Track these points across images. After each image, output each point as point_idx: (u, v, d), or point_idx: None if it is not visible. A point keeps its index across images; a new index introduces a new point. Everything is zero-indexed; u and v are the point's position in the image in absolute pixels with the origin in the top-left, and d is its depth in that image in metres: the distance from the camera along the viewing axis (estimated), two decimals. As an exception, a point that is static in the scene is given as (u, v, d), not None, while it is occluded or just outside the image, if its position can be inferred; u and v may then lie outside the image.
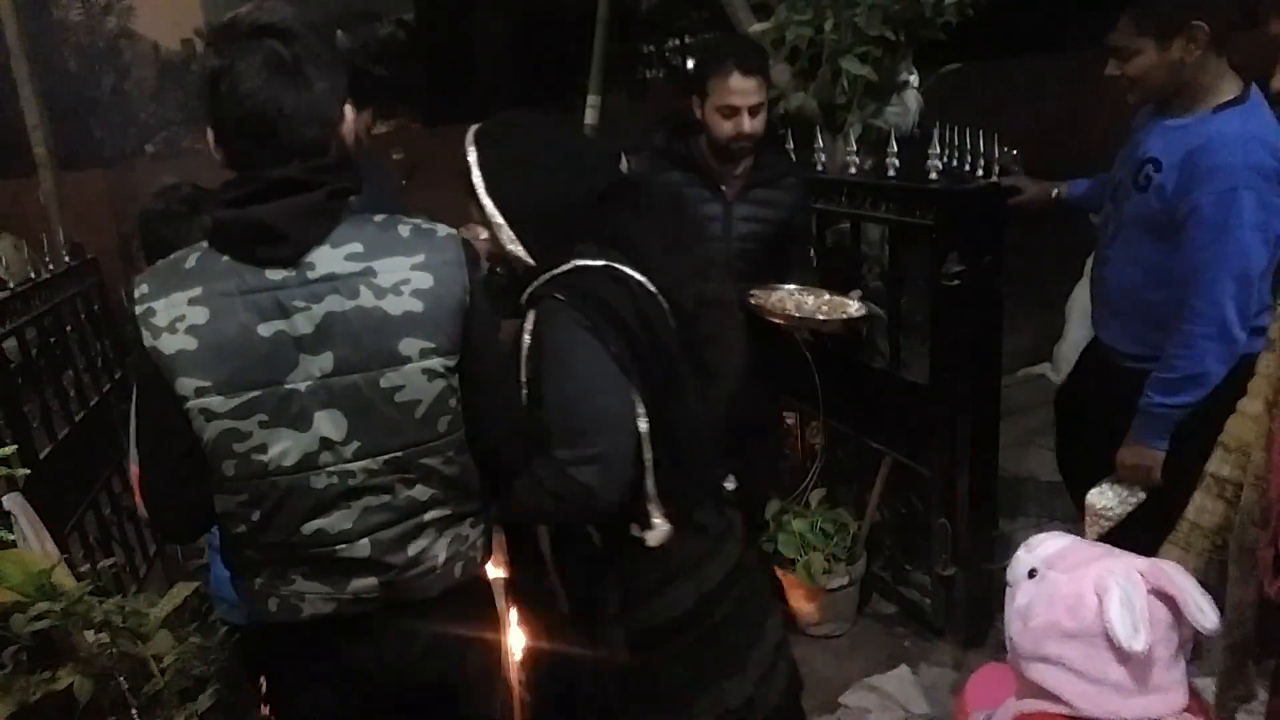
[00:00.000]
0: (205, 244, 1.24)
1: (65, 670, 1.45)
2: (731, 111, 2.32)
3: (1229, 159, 1.83)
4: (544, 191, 1.44)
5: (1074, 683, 1.20)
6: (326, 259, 1.22)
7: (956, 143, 2.58)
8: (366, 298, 1.22)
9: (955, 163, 2.55)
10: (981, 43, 3.42)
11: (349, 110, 1.29)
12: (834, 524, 2.79)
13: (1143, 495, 2.08)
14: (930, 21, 2.71)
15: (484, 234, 1.58)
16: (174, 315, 1.19)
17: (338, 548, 1.32)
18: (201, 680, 1.63)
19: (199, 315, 1.19)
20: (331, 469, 1.27)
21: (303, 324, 1.21)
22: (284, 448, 1.25)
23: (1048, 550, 1.29)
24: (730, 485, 1.67)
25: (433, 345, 1.26)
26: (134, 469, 1.74)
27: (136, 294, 1.22)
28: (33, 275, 2.82)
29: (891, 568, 2.92)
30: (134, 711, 1.50)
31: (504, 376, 1.41)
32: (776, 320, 2.33)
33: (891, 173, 2.53)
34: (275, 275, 1.21)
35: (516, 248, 1.46)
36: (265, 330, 1.20)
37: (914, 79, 2.89)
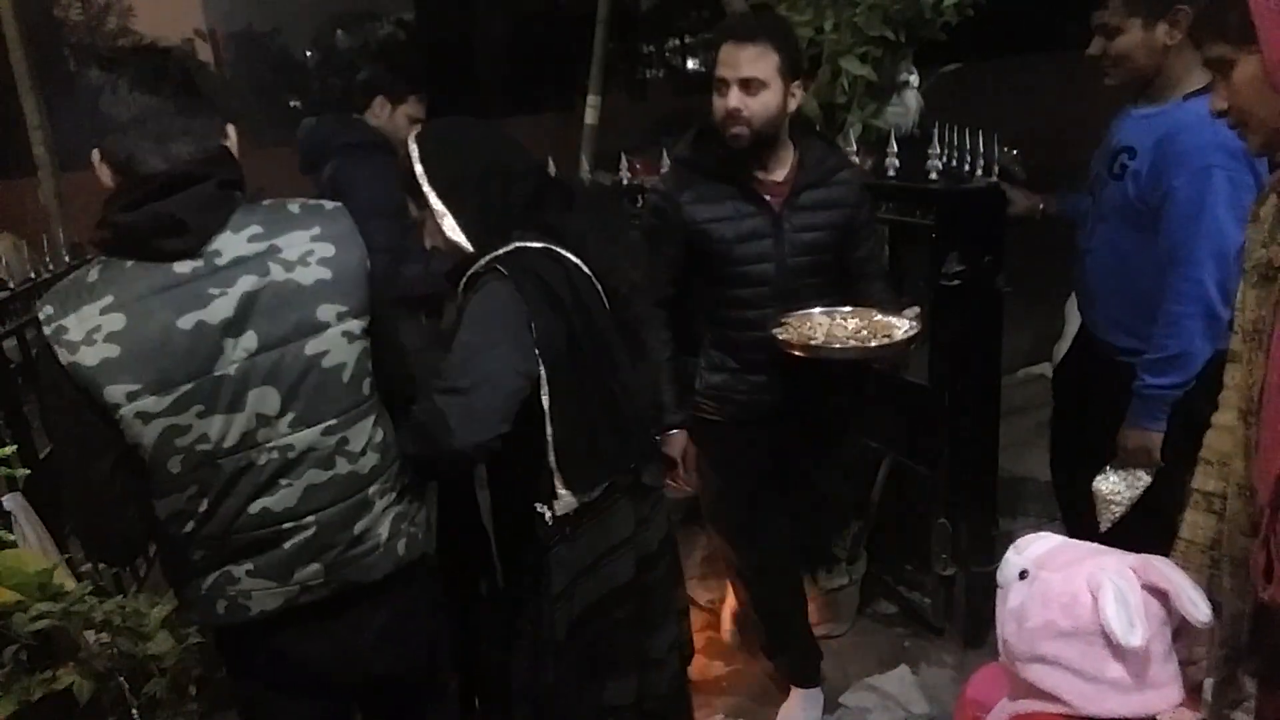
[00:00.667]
0: (103, 257, 1.26)
1: (65, 670, 1.45)
2: (721, 85, 1.99)
3: (1201, 140, 1.86)
4: (482, 182, 1.55)
5: (1072, 682, 1.20)
6: (230, 244, 1.27)
7: (956, 143, 2.58)
8: (277, 273, 1.28)
9: (955, 163, 2.55)
10: (981, 43, 3.41)
11: (231, 129, 1.34)
12: (834, 524, 2.79)
13: (1148, 479, 2.10)
14: (930, 21, 2.71)
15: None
16: (88, 328, 1.20)
17: (284, 526, 1.34)
18: (202, 680, 1.63)
19: (115, 322, 1.21)
20: (271, 444, 1.31)
21: (221, 310, 1.25)
22: (223, 431, 1.27)
23: (1038, 550, 1.29)
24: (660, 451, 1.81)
25: (346, 308, 1.33)
26: None
27: (42, 316, 1.23)
28: (33, 275, 2.81)
29: (891, 568, 2.91)
30: (134, 712, 1.51)
31: (399, 337, 1.49)
32: (798, 354, 1.97)
33: (891, 173, 2.53)
34: (184, 268, 1.24)
35: (458, 235, 1.55)
36: (185, 323, 1.23)
37: (914, 79, 2.89)
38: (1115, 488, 2.13)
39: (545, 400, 1.51)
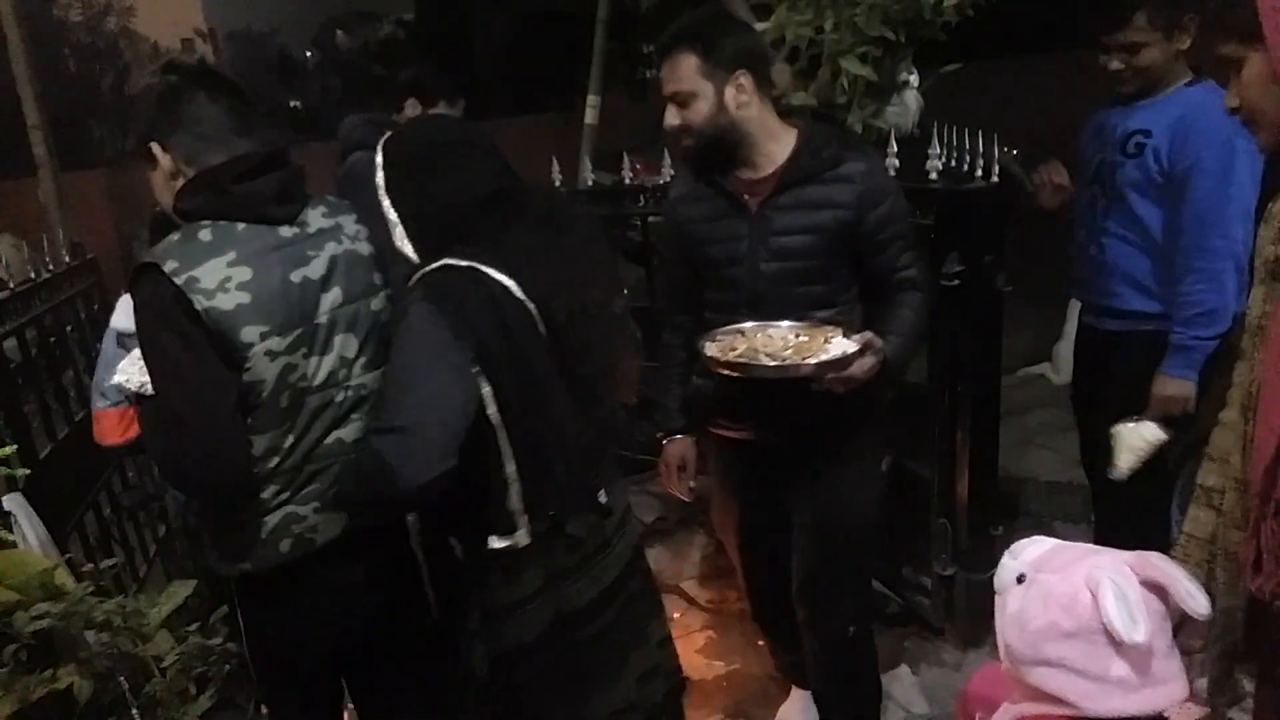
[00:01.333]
0: (208, 221, 1.44)
1: (65, 670, 1.45)
2: (664, 103, 1.89)
3: (1221, 117, 1.98)
4: (428, 192, 1.52)
5: (1077, 683, 1.20)
6: (313, 217, 1.54)
7: (956, 143, 2.58)
8: (346, 244, 1.55)
9: (955, 163, 2.55)
10: (981, 43, 3.41)
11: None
12: (834, 524, 2.79)
13: (1164, 435, 2.21)
14: (930, 22, 2.71)
15: None
16: (220, 278, 1.39)
17: (353, 456, 1.52)
18: (202, 680, 1.63)
19: (243, 274, 1.41)
20: (348, 384, 1.54)
21: (318, 268, 1.49)
22: (315, 370, 1.49)
23: (1033, 554, 1.29)
24: (604, 498, 1.59)
25: (384, 277, 1.60)
26: (106, 418, 2.04)
27: (168, 270, 1.36)
28: (33, 275, 2.82)
29: (891, 568, 2.91)
30: (134, 712, 1.51)
31: None
32: (728, 373, 1.79)
33: (891, 173, 2.53)
34: (287, 233, 1.49)
35: (405, 245, 1.55)
36: (295, 277, 1.46)
37: (914, 79, 2.89)
38: (1145, 434, 2.23)
39: (495, 415, 1.42)
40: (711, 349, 1.83)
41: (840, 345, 1.78)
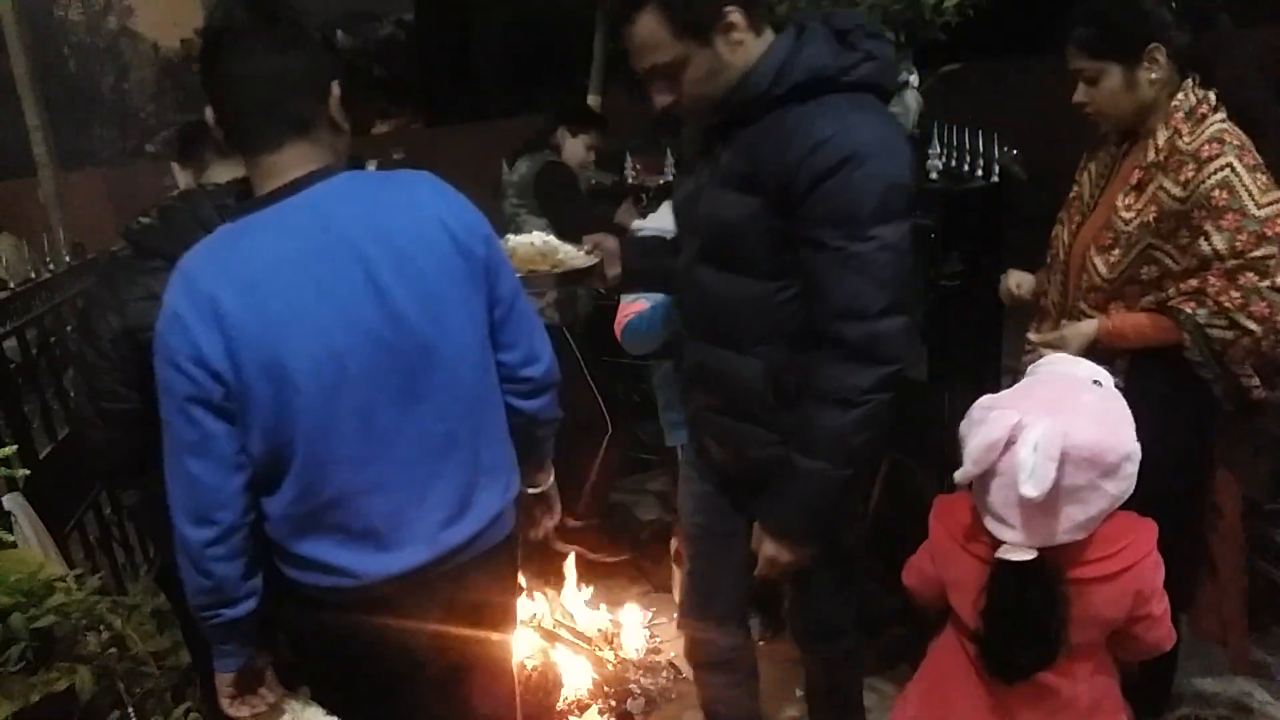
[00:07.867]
0: None
1: (65, 670, 1.45)
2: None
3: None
4: None
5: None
6: None
7: (956, 143, 2.58)
8: None
9: (955, 163, 2.55)
10: (981, 43, 3.42)
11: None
12: (834, 524, 2.79)
13: None
14: (930, 22, 2.71)
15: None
16: None
17: None
18: (202, 678, 1.63)
19: None
20: None
21: None
22: None
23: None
24: None
25: None
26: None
27: None
28: (33, 275, 2.82)
29: (892, 567, 2.91)
30: (130, 710, 1.51)
31: None
32: None
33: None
34: None
35: None
36: None
37: (914, 79, 2.90)
38: None
39: None
40: None
41: None
